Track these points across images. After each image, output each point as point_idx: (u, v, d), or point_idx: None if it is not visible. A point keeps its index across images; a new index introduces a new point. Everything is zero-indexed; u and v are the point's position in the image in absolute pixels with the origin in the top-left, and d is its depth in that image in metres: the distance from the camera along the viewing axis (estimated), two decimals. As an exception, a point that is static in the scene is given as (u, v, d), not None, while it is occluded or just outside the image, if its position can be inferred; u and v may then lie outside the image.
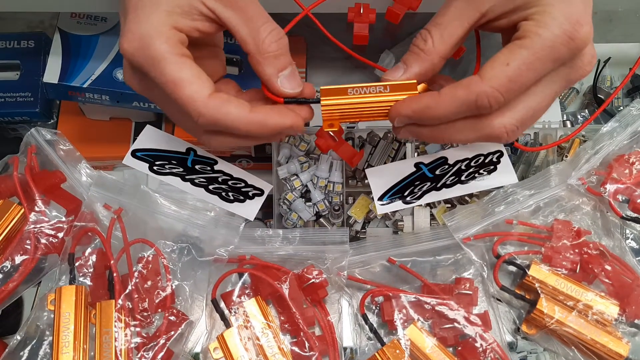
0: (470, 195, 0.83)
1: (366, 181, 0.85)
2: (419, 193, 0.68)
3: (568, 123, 0.92)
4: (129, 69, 0.54)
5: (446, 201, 0.83)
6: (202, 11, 0.52)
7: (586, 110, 0.98)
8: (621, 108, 0.95)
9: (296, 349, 0.68)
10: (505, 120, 0.52)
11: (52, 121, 0.95)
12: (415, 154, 0.84)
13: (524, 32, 0.50)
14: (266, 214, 0.91)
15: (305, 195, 0.86)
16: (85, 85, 0.81)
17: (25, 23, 1.05)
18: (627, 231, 0.77)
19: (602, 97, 0.96)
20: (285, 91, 0.53)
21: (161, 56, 0.49)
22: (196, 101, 0.49)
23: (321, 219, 0.85)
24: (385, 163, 0.85)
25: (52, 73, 0.82)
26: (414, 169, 0.68)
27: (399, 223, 0.82)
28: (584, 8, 0.51)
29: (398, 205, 0.69)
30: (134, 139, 0.93)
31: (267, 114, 0.52)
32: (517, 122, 0.53)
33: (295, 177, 0.85)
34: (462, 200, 0.84)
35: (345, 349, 0.71)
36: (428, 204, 0.82)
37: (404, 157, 0.85)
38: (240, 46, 0.53)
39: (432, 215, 0.83)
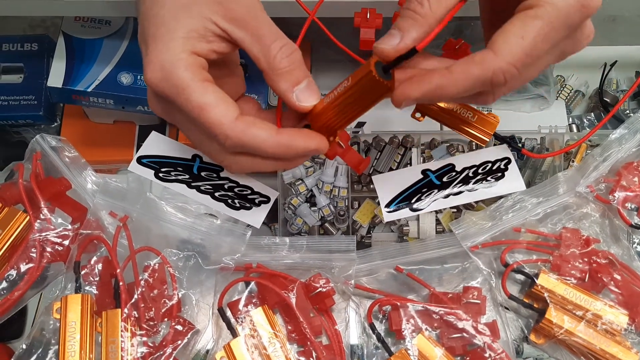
0: (477, 201, 0.83)
1: (371, 186, 0.85)
2: (426, 200, 0.68)
3: (574, 127, 0.92)
4: (153, 96, 0.54)
5: (452, 206, 0.83)
6: (216, 32, 0.52)
7: (592, 114, 0.97)
8: (627, 111, 0.94)
9: (303, 359, 0.67)
10: (505, 89, 0.51)
11: (55, 124, 0.95)
12: (421, 159, 0.84)
13: (535, 1, 0.48)
14: (271, 219, 0.91)
15: (311, 200, 0.85)
16: (89, 90, 0.81)
17: (27, 22, 1.04)
18: (634, 238, 0.76)
19: (607, 100, 0.96)
20: (302, 105, 0.53)
21: (185, 84, 0.50)
22: (223, 124, 0.50)
23: (326, 224, 0.85)
24: (391, 168, 0.85)
25: (56, 77, 0.81)
26: (421, 176, 0.68)
27: (405, 228, 0.82)
28: None
29: (405, 212, 0.68)
30: (138, 143, 0.93)
31: (293, 137, 0.52)
32: (512, 90, 0.53)
33: (301, 181, 0.84)
34: (468, 205, 0.83)
35: (353, 351, 0.71)
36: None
37: (410, 162, 0.85)
38: (256, 64, 0.53)
39: (437, 220, 0.82)
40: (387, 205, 0.68)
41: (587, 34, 0.51)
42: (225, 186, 0.67)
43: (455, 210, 0.84)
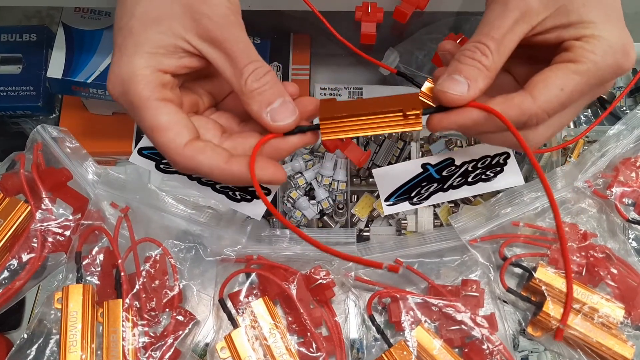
0: (475, 195, 0.83)
1: (370, 180, 0.85)
2: (426, 194, 0.68)
3: (571, 123, 0.93)
4: None
5: (450, 201, 0.84)
6: (187, 49, 0.51)
7: (589, 110, 0.98)
8: (624, 108, 0.95)
9: (303, 350, 0.68)
10: (539, 136, 0.53)
11: (54, 115, 0.95)
12: (420, 153, 0.84)
13: (578, 55, 0.50)
14: (270, 212, 0.91)
15: (310, 193, 0.86)
16: (89, 81, 0.81)
17: (22, 13, 1.03)
18: (630, 232, 0.77)
19: (605, 97, 0.96)
20: (277, 125, 0.51)
21: (141, 102, 0.49)
22: (171, 150, 0.49)
23: (325, 217, 0.85)
24: (390, 162, 0.86)
25: (56, 68, 0.82)
26: (421, 170, 0.68)
27: (403, 222, 0.83)
28: (627, 31, 0.52)
29: (405, 206, 0.69)
30: (137, 135, 0.93)
31: (242, 168, 0.50)
32: (547, 138, 0.54)
33: (300, 175, 0.85)
34: (466, 200, 0.84)
35: (352, 343, 0.71)
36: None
37: (409, 156, 0.85)
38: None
39: (435, 214, 0.83)
40: (387, 199, 0.68)
41: (612, 83, 0.54)
42: (226, 178, 0.68)
43: (453, 205, 0.84)
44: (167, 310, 0.69)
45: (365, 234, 0.86)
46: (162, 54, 0.50)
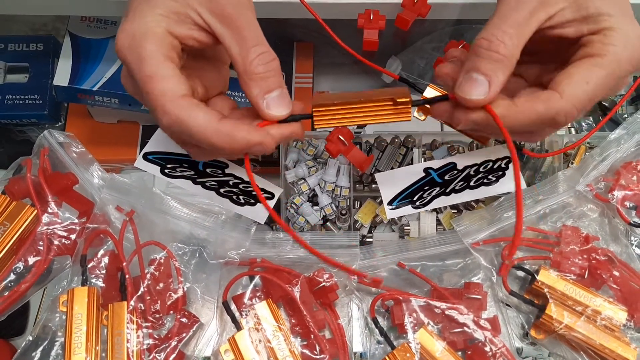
0: (477, 201, 0.84)
1: (373, 186, 0.85)
2: (428, 198, 0.69)
3: (572, 130, 0.93)
4: (125, 72, 0.54)
5: (452, 206, 0.84)
6: (198, 22, 0.52)
7: (590, 117, 0.98)
8: (625, 115, 0.95)
9: (307, 352, 0.68)
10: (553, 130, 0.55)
11: (60, 124, 0.96)
12: (423, 159, 0.85)
13: (598, 49, 0.51)
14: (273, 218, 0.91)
15: (313, 199, 0.86)
16: (95, 89, 0.82)
17: (28, 25, 1.05)
18: (632, 238, 0.77)
19: (606, 104, 0.97)
20: (271, 113, 0.52)
21: (146, 55, 0.49)
22: (165, 96, 0.49)
23: (328, 223, 0.86)
24: (392, 168, 0.86)
25: (62, 76, 0.83)
26: (423, 174, 0.69)
27: (406, 228, 0.83)
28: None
29: (407, 210, 0.69)
30: (142, 142, 0.93)
31: (236, 127, 0.50)
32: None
33: (303, 181, 0.85)
34: (468, 205, 0.84)
35: (355, 353, 0.72)
36: (434, 209, 0.83)
37: (412, 162, 0.86)
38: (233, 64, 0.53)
39: (438, 220, 0.83)
40: (390, 203, 0.69)
41: (628, 80, 0.54)
42: (230, 182, 0.68)
43: (455, 210, 0.85)
44: (171, 312, 0.69)
45: (368, 239, 0.86)
46: (174, 20, 0.51)
